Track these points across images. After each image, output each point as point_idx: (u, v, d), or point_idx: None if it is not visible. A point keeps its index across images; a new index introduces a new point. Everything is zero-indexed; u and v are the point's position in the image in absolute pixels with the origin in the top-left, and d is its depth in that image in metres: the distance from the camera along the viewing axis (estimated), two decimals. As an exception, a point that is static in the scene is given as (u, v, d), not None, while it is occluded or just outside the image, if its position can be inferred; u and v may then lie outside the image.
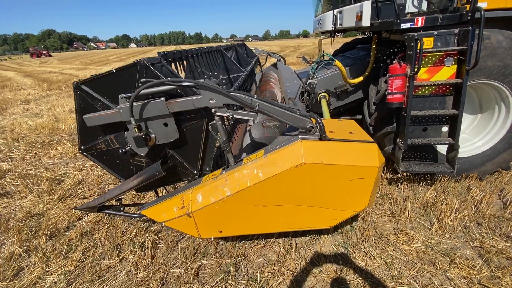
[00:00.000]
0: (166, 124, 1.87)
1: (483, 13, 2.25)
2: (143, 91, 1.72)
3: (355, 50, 4.69)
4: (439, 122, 2.75)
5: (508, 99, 2.84)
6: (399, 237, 2.40)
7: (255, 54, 6.04)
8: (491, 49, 2.59)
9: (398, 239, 2.38)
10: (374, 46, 3.32)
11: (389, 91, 2.65)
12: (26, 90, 11.75)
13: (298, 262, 2.21)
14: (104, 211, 2.27)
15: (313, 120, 1.81)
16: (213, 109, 1.81)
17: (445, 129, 2.76)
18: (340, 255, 2.26)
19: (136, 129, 1.81)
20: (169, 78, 1.76)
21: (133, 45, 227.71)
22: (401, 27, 2.68)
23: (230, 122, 2.98)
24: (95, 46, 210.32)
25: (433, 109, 2.70)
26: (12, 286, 2.12)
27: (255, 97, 1.78)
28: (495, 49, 2.58)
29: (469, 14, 2.42)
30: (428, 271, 2.06)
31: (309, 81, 3.49)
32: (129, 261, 2.29)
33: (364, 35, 5.06)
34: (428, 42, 2.49)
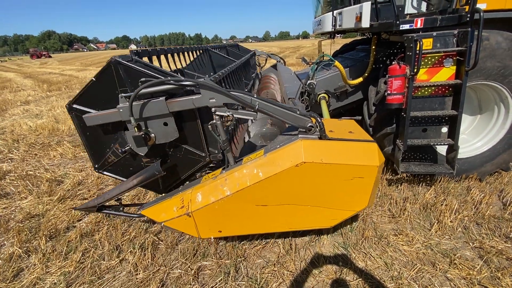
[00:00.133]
0: (166, 124, 1.87)
1: (482, 14, 2.25)
2: (143, 91, 1.72)
3: (355, 51, 4.70)
4: (439, 123, 2.76)
5: (508, 100, 2.84)
6: (399, 238, 2.40)
7: (250, 50, 6.01)
8: (490, 50, 2.59)
9: (398, 240, 2.38)
10: (374, 47, 3.33)
11: (389, 92, 2.66)
12: (26, 91, 11.76)
13: (298, 263, 2.21)
14: (104, 211, 2.27)
15: (313, 120, 1.81)
16: (213, 109, 1.81)
17: (445, 130, 2.76)
18: (340, 256, 2.26)
19: (136, 129, 1.81)
20: (169, 78, 1.75)
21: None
22: (401, 28, 2.69)
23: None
24: (95, 47, 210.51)
25: (433, 110, 2.70)
26: (12, 287, 2.12)
27: (255, 97, 1.78)
28: (494, 50, 2.59)
29: (468, 15, 2.43)
30: (428, 272, 2.06)
31: (309, 82, 3.49)
32: (129, 262, 2.29)
33: (364, 36, 5.08)
34: (428, 43, 2.49)
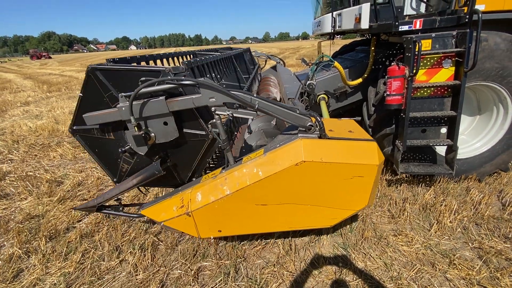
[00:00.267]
0: (166, 123, 1.88)
1: (481, 16, 2.27)
2: (143, 90, 1.73)
3: (354, 52, 4.71)
4: (438, 124, 2.76)
5: (506, 101, 2.85)
6: (399, 238, 2.41)
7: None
8: (489, 51, 2.60)
9: (398, 240, 2.39)
10: (373, 48, 3.34)
11: (388, 93, 2.67)
12: (26, 92, 11.77)
13: (298, 264, 2.21)
14: (103, 211, 2.27)
15: (313, 119, 1.81)
16: (213, 108, 1.82)
17: (444, 131, 2.77)
18: (340, 256, 2.26)
19: (136, 128, 1.82)
20: (169, 77, 1.76)
21: (133, 47, 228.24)
22: (400, 29, 2.70)
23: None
24: (95, 48, 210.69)
25: (432, 111, 2.71)
26: (12, 288, 2.12)
27: (255, 96, 1.78)
28: (493, 51, 2.60)
29: (467, 17, 2.44)
30: (428, 272, 2.06)
31: (309, 82, 3.50)
32: (129, 263, 2.29)
33: (363, 37, 5.09)
34: (426, 44, 2.50)
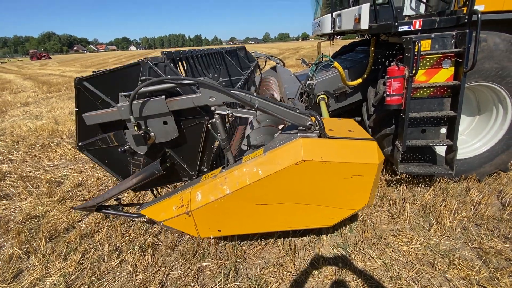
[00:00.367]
0: (166, 123, 1.87)
1: (480, 16, 2.27)
2: (143, 89, 1.73)
3: (354, 53, 4.72)
4: (437, 124, 2.77)
5: (506, 101, 2.86)
6: (398, 239, 2.41)
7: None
8: (488, 52, 2.61)
9: (397, 241, 2.39)
10: (373, 49, 3.35)
11: (388, 93, 2.67)
12: (26, 93, 11.77)
13: (298, 264, 2.22)
14: (103, 211, 2.27)
15: (313, 118, 1.81)
16: (213, 107, 1.82)
17: (443, 131, 2.77)
18: (340, 257, 2.26)
19: (136, 127, 1.81)
20: (169, 76, 1.76)
21: (133, 48, 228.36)
22: (399, 30, 2.70)
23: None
24: (95, 49, 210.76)
25: (431, 111, 2.71)
26: (12, 288, 2.12)
27: (255, 95, 1.79)
28: (492, 52, 2.61)
29: (466, 17, 2.44)
30: (427, 272, 2.07)
31: (308, 82, 3.50)
32: (129, 263, 2.29)
33: (363, 38, 5.10)
34: (426, 45, 2.51)
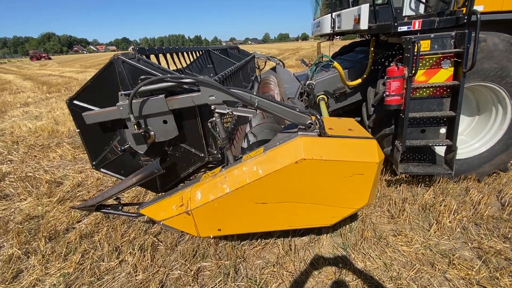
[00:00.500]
0: (166, 122, 1.87)
1: (479, 16, 2.28)
2: (142, 88, 1.73)
3: (354, 53, 4.72)
4: (437, 124, 2.77)
5: (505, 101, 2.86)
6: (398, 239, 2.41)
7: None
8: (488, 52, 2.61)
9: (397, 241, 2.39)
10: (372, 49, 3.35)
11: (387, 93, 2.67)
12: (26, 93, 11.77)
13: (297, 264, 2.22)
14: (102, 210, 2.26)
15: (313, 117, 1.81)
16: (213, 106, 1.81)
17: (443, 131, 2.78)
18: (339, 257, 2.26)
19: (136, 126, 1.81)
20: (169, 75, 1.75)
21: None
22: (399, 30, 2.71)
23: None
24: (95, 49, 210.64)
25: (431, 111, 2.72)
26: (11, 289, 2.12)
27: (255, 94, 1.78)
28: (492, 52, 2.61)
29: (466, 17, 2.45)
30: (427, 272, 2.07)
31: (308, 82, 3.51)
32: (129, 263, 2.29)
33: (363, 38, 5.10)
34: (425, 45, 2.51)
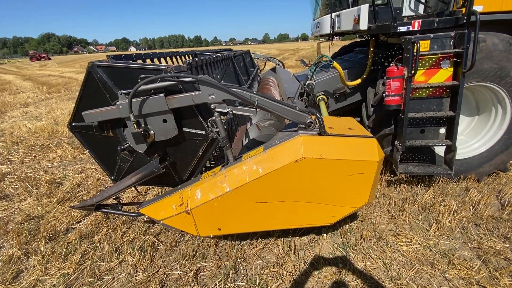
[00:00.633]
0: (165, 121, 1.87)
1: (478, 17, 2.28)
2: (142, 87, 1.72)
3: (353, 53, 4.73)
4: (437, 124, 2.77)
5: (505, 101, 2.86)
6: (398, 239, 2.41)
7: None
8: (487, 52, 2.62)
9: (397, 241, 2.39)
10: (372, 49, 3.35)
11: (387, 94, 2.68)
12: (26, 93, 11.76)
13: (297, 264, 2.22)
14: (102, 210, 2.27)
15: (313, 116, 1.81)
16: (213, 105, 1.81)
17: (443, 131, 2.78)
18: (339, 257, 2.27)
19: (135, 125, 1.81)
20: (169, 73, 1.76)
21: (133, 49, 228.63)
22: (398, 30, 2.71)
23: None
24: (95, 50, 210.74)
25: (431, 111, 2.72)
26: (11, 289, 2.12)
27: (255, 93, 1.78)
28: (491, 52, 2.62)
29: (465, 18, 2.45)
30: (427, 272, 2.07)
31: (308, 82, 3.51)
32: (128, 264, 2.29)
33: (362, 38, 5.11)
34: (425, 45, 2.51)
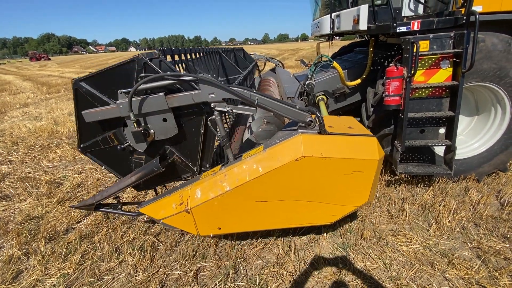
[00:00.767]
0: (165, 120, 1.87)
1: (478, 17, 2.29)
2: (142, 86, 1.72)
3: (353, 53, 4.73)
4: (436, 124, 2.78)
5: (504, 101, 2.87)
6: (398, 238, 2.41)
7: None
8: (486, 52, 2.62)
9: (397, 240, 2.39)
10: (371, 49, 3.36)
11: (386, 94, 2.68)
12: (25, 94, 11.76)
13: (297, 264, 2.22)
14: (102, 209, 2.26)
15: (313, 115, 1.81)
16: (212, 104, 1.81)
17: (442, 131, 2.78)
18: (339, 257, 2.27)
19: (135, 124, 1.81)
20: (168, 72, 1.76)
21: (133, 49, 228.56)
22: (398, 31, 2.71)
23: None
24: (95, 50, 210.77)
25: (430, 111, 2.72)
26: (11, 289, 2.12)
27: (254, 92, 1.78)
28: (490, 52, 2.62)
29: (464, 18, 2.46)
30: (427, 272, 2.07)
31: (308, 82, 3.51)
32: (128, 264, 2.29)
33: (362, 39, 5.12)
34: (424, 45, 2.52)
